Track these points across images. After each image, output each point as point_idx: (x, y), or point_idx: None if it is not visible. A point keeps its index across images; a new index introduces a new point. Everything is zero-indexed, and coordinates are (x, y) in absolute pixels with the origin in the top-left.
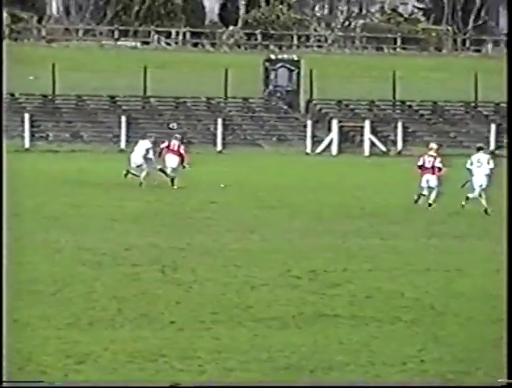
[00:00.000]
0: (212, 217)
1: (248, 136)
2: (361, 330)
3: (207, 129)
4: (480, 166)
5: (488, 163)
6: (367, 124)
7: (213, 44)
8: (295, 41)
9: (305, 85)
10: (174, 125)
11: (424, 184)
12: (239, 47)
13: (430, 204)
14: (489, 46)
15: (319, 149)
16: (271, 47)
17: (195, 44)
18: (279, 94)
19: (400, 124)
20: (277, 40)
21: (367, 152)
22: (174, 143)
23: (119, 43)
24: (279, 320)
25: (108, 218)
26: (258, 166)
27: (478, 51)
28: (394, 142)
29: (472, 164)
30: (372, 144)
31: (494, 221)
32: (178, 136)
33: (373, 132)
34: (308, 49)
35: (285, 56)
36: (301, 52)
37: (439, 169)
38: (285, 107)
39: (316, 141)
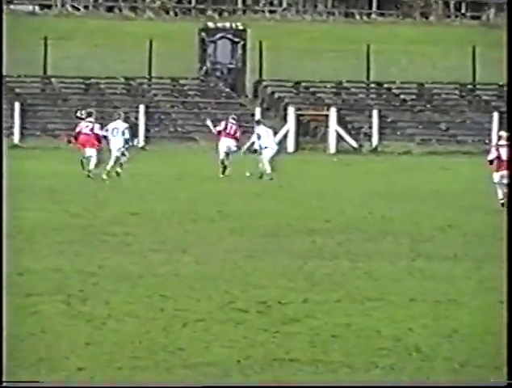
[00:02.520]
0: (132, 233)
1: (179, 127)
2: (326, 378)
3: (126, 119)
4: None
5: None
6: (333, 112)
7: (133, 9)
8: (240, 5)
9: (253, 61)
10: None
11: (497, 180)
12: (167, 12)
13: (502, 205)
14: (491, 12)
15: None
16: (209, 12)
17: (110, 9)
18: (218, 74)
19: (375, 113)
20: (216, 3)
21: (332, 148)
22: (231, 125)
23: (11, 7)
24: (219, 366)
25: None
26: (192, 166)
27: (477, 18)
28: (368, 136)
29: None
30: (340, 138)
31: (497, 238)
32: (234, 116)
33: (341, 122)
34: (256, 15)
35: (227, 24)
36: (248, 18)
37: None
38: (227, 89)
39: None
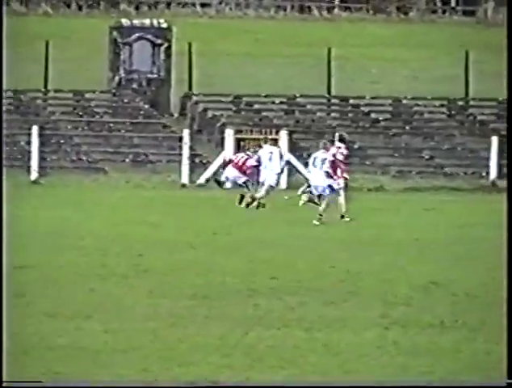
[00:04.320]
0: (21, 293)
1: (83, 155)
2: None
3: (15, 144)
4: None
5: None
6: (283, 136)
7: (25, 1)
8: None
9: (180, 70)
10: None
11: None
12: (68, 6)
13: None
14: (489, 6)
15: (203, 178)
16: (123, 5)
17: None
18: (135, 86)
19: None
20: None
21: (283, 182)
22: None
23: None
24: None
25: None
26: (100, 205)
27: (471, 14)
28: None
29: None
30: (293, 169)
31: (496, 300)
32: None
33: (294, 149)
34: (184, 10)
35: (146, 20)
36: (173, 14)
37: None
38: (146, 106)
39: (198, 164)
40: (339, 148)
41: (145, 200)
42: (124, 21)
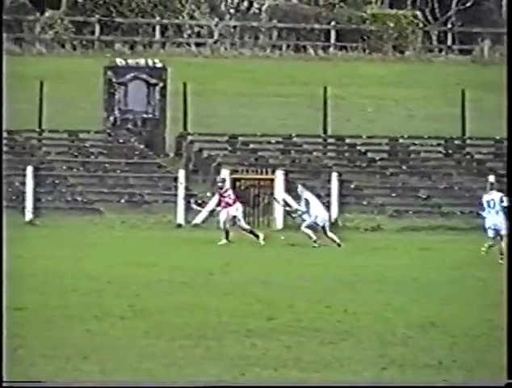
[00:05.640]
0: (18, 334)
1: (78, 195)
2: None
3: (10, 184)
4: None
5: None
6: (279, 176)
7: (18, 41)
8: (158, 36)
9: (175, 110)
10: None
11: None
12: (63, 46)
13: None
14: (486, 43)
15: (199, 219)
16: (117, 45)
17: None
18: (130, 126)
19: (335, 176)
20: (127, 34)
21: (279, 223)
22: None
23: None
24: None
25: None
26: (95, 245)
27: (467, 52)
28: (326, 206)
29: None
30: (289, 209)
31: (495, 340)
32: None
33: (290, 189)
34: (179, 49)
35: (141, 60)
36: (168, 53)
37: None
38: (141, 146)
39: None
40: None
41: (141, 241)
42: (119, 61)
